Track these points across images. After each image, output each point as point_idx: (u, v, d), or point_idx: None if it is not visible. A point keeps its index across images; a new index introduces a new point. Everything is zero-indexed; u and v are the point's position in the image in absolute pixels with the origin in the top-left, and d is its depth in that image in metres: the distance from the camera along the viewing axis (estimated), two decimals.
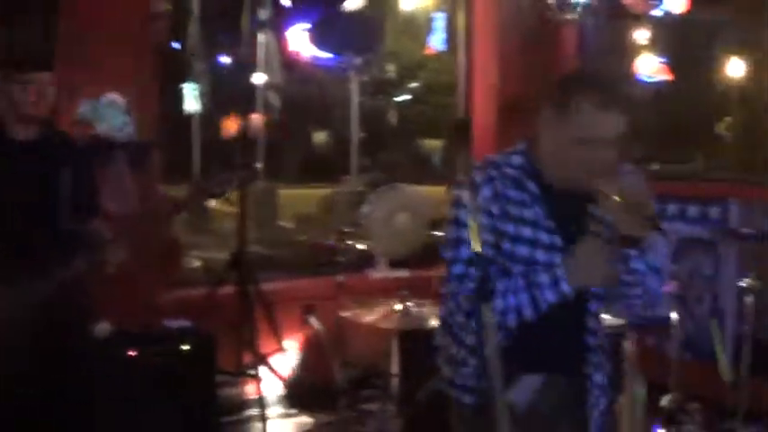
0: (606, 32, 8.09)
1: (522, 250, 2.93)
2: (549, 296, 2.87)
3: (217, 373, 5.54)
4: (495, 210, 2.92)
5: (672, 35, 7.89)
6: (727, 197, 6.67)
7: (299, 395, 6.52)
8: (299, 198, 9.87)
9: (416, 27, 9.08)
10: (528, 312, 2.89)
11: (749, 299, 5.55)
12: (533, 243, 2.94)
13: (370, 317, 5.95)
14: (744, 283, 5.58)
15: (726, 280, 6.62)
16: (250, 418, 6.20)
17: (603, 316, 5.37)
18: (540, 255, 2.94)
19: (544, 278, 2.87)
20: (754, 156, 7.69)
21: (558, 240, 2.96)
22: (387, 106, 12.08)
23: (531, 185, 2.98)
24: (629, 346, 5.54)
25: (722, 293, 6.65)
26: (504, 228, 2.93)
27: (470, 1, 7.83)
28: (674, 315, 5.68)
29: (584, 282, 2.88)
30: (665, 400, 5.74)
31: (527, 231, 2.94)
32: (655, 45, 7.82)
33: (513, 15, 7.67)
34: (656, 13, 7.45)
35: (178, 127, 9.45)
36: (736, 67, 7.50)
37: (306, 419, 6.34)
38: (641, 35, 7.81)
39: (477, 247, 2.66)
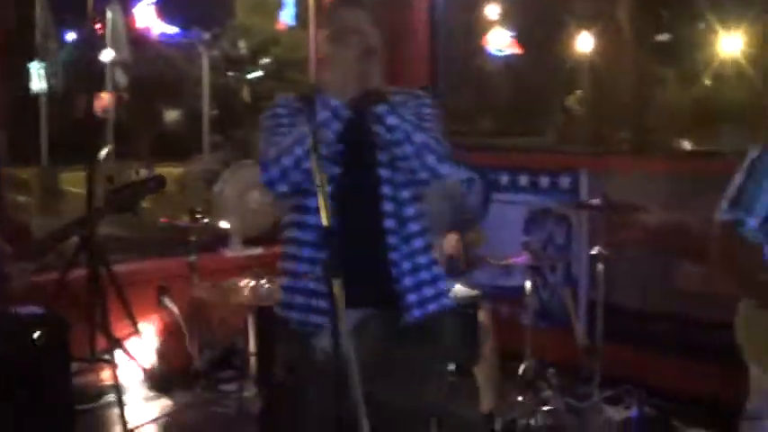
0: (458, 6, 8.14)
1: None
2: (324, 115, 3.10)
3: (71, 359, 5.38)
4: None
5: (522, 9, 7.99)
6: (577, 168, 6.82)
7: (157, 378, 6.40)
8: None
9: (268, 2, 8.98)
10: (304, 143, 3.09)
11: (600, 266, 5.69)
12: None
13: (225, 296, 5.87)
14: (595, 251, 5.72)
15: (578, 249, 6.78)
16: (108, 405, 6.06)
17: (460, 287, 5.50)
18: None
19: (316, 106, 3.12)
20: (602, 128, 7.86)
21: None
22: (239, 83, 11.94)
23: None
24: (483, 315, 5.62)
25: (574, 262, 6.81)
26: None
27: None
28: (527, 284, 5.77)
29: (340, 87, 3.14)
30: (522, 369, 5.82)
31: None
32: (505, 20, 7.91)
33: None
34: None
35: (24, 107, 9.17)
36: (585, 42, 7.63)
37: (165, 402, 6.24)
38: (492, 10, 7.88)
39: (325, 221, 2.79)
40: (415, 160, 3.14)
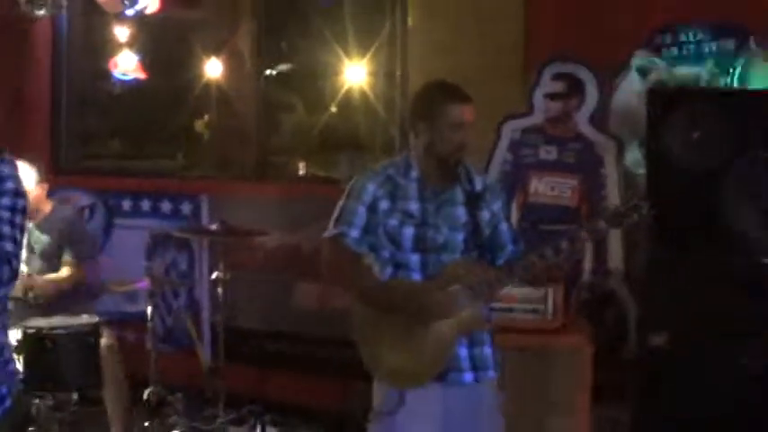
0: (83, 29, 8.01)
1: None
2: None
3: None
4: None
5: (149, 34, 7.97)
6: (198, 194, 6.91)
7: None
8: None
9: None
10: None
11: (221, 290, 5.80)
12: None
13: None
14: (215, 275, 5.83)
15: (199, 273, 6.86)
16: None
17: (85, 316, 5.44)
18: None
19: None
20: (230, 152, 7.98)
21: None
22: None
23: None
24: (106, 341, 5.58)
25: (197, 286, 6.89)
26: None
27: None
28: (149, 309, 5.77)
29: None
30: (147, 393, 5.81)
31: None
32: (133, 43, 7.85)
33: None
34: (130, 12, 7.49)
35: None
36: (214, 67, 7.71)
37: None
38: (121, 33, 7.80)
39: None
40: None
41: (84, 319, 5.55)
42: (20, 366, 5.23)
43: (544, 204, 5.74)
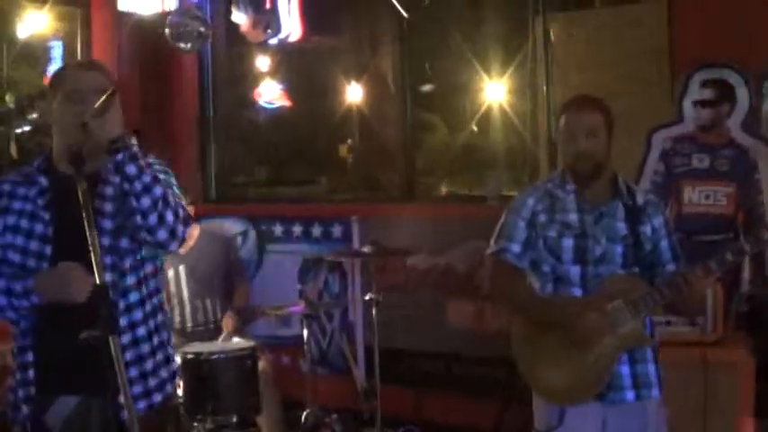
0: (227, 60, 8.20)
1: (19, 240, 3.07)
2: (24, 303, 2.99)
3: None
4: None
5: (291, 62, 8.11)
6: (348, 216, 6.97)
7: None
8: None
9: (34, 56, 8.76)
10: (10, 315, 3.03)
11: (375, 311, 5.83)
12: (29, 234, 3.07)
13: None
14: (368, 297, 5.86)
15: (352, 295, 6.91)
16: None
17: (237, 340, 5.54)
18: (34, 245, 3.06)
19: (18, 286, 2.98)
20: (374, 175, 8.05)
21: (49, 231, 3.07)
22: (6, 138, 11.54)
23: (42, 179, 3.12)
24: (263, 365, 5.66)
25: (350, 308, 6.94)
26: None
27: (87, 31, 7.68)
28: (304, 332, 5.85)
29: (55, 298, 2.95)
30: (303, 415, 5.88)
31: (24, 223, 3.08)
32: (276, 72, 8.01)
33: (132, 45, 7.62)
34: (273, 41, 7.66)
35: None
36: (355, 91, 7.80)
37: None
38: (262, 62, 7.98)
39: (98, 279, 2.74)
40: (152, 215, 2.94)
41: (242, 343, 5.67)
42: (180, 391, 5.36)
43: (699, 214, 5.62)
